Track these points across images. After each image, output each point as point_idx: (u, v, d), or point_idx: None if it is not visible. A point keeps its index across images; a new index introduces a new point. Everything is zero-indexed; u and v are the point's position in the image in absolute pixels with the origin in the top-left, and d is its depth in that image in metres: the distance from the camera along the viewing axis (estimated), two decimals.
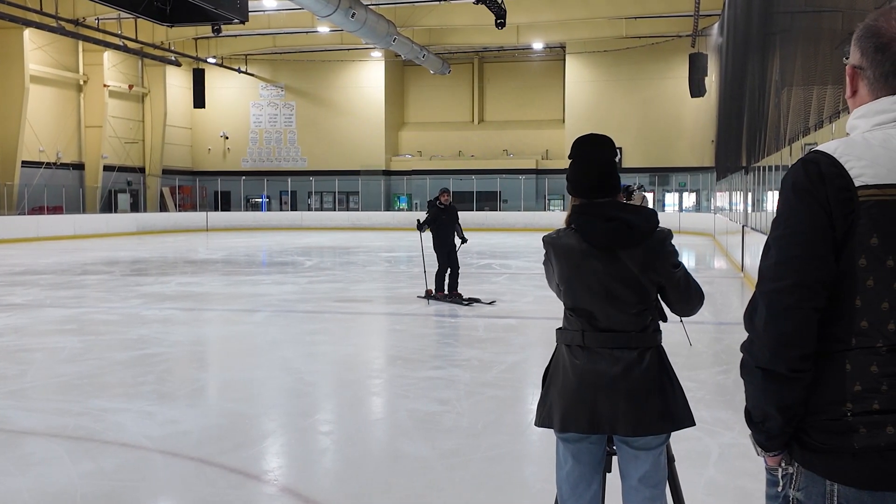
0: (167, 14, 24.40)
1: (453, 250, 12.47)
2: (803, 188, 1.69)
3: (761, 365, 1.74)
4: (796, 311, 1.69)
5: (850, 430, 1.68)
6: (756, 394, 1.78)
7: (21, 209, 33.24)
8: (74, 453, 5.17)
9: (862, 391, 1.69)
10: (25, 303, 12.77)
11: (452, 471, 4.89)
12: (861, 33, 1.78)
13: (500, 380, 7.33)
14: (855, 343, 1.69)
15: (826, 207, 1.67)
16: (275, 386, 7.38)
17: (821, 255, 1.67)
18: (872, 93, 1.77)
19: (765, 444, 1.81)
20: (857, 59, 1.79)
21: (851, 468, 1.68)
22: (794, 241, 1.69)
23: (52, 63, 35.37)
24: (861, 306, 1.68)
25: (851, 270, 1.67)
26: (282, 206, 45.06)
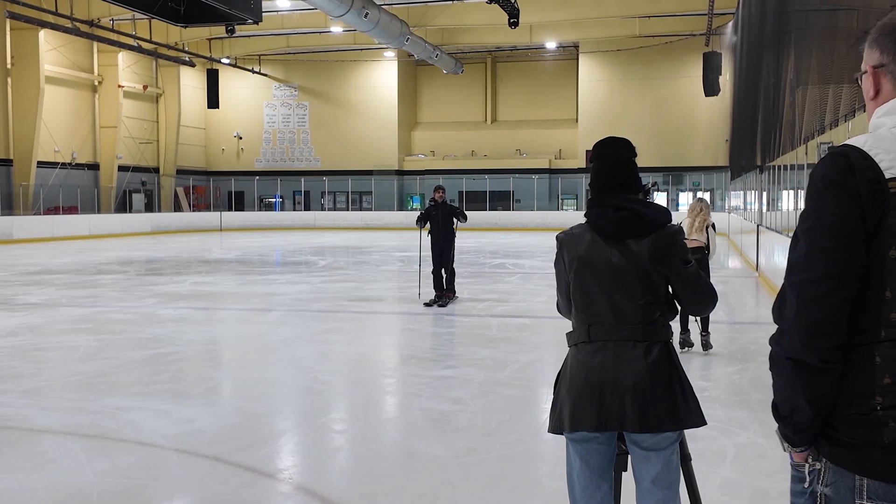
0: (181, 14, 24.52)
1: (446, 250, 12.09)
2: (833, 180, 1.70)
3: (792, 356, 1.72)
4: (827, 302, 1.68)
5: (880, 424, 1.67)
6: (785, 386, 1.76)
7: (37, 209, 33.44)
8: (90, 451, 5.19)
9: (892, 384, 1.68)
10: (41, 302, 12.85)
11: (467, 470, 4.89)
12: (879, 33, 1.80)
13: (513, 379, 7.32)
14: (885, 335, 1.69)
15: (856, 198, 1.67)
16: (289, 385, 7.39)
17: (852, 245, 1.67)
18: None
19: (792, 439, 1.79)
20: (877, 59, 1.80)
21: (881, 462, 1.67)
22: (825, 231, 1.69)
23: (67, 64, 35.58)
24: (891, 298, 1.68)
25: (881, 262, 1.68)
26: (295, 205, 45.16)
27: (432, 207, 12.24)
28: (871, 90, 1.83)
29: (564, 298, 3.00)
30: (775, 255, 13.85)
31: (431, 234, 12.17)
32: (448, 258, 12.12)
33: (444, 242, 12.10)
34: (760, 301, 13.01)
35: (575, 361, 2.86)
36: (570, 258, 2.91)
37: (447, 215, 12.10)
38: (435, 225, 12.16)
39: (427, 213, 12.19)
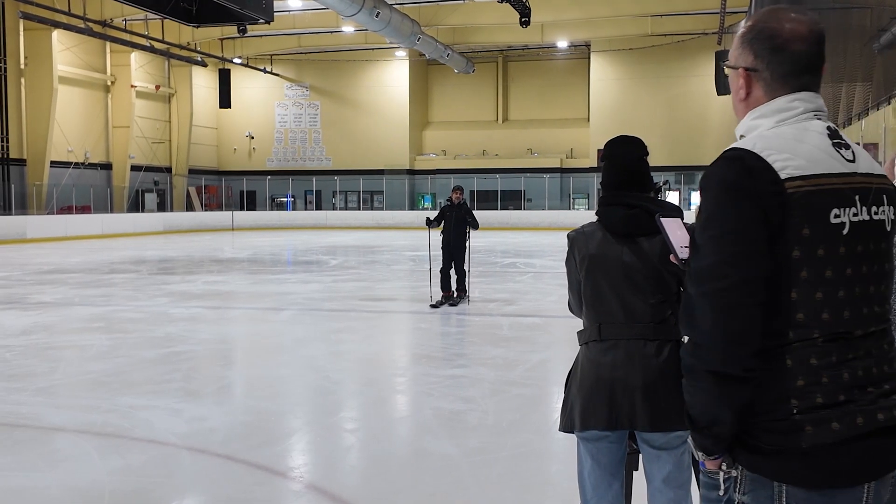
0: (193, 14, 24.62)
1: (457, 252, 11.96)
2: (732, 184, 1.67)
3: (713, 368, 1.67)
4: (744, 309, 1.65)
5: (797, 428, 1.65)
6: (705, 399, 1.70)
7: (50, 209, 33.64)
8: (103, 450, 5.22)
9: (805, 385, 1.66)
10: (54, 301, 12.92)
11: (478, 469, 4.88)
12: (753, 35, 1.78)
13: (524, 378, 7.32)
14: (793, 336, 1.67)
15: (757, 201, 1.65)
16: (300, 384, 7.41)
17: (759, 249, 1.65)
18: (769, 93, 1.78)
19: (710, 449, 1.74)
20: (750, 62, 1.78)
21: (800, 468, 1.65)
22: (732, 238, 1.66)
23: (80, 64, 35.76)
24: (797, 298, 1.67)
25: (787, 263, 1.66)
26: (307, 205, 45.27)
27: (447, 207, 12.17)
28: (742, 91, 1.82)
29: (576, 297, 2.99)
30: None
31: (444, 233, 12.06)
32: (460, 259, 12.00)
33: (455, 243, 11.99)
34: None
35: (586, 360, 2.86)
36: (582, 256, 2.91)
37: (461, 217, 12.01)
38: (448, 225, 12.07)
39: (442, 213, 12.15)
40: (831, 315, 1.67)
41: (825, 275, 1.67)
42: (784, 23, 1.76)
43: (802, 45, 1.76)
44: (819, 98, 1.80)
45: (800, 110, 1.75)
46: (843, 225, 1.68)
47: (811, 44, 1.77)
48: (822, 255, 1.66)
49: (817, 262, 1.66)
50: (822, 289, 1.66)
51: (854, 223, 1.69)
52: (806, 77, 1.77)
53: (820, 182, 1.67)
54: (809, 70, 1.78)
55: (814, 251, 1.66)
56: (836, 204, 1.68)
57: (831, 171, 1.69)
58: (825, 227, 1.66)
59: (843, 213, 1.68)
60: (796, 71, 1.76)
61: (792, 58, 1.75)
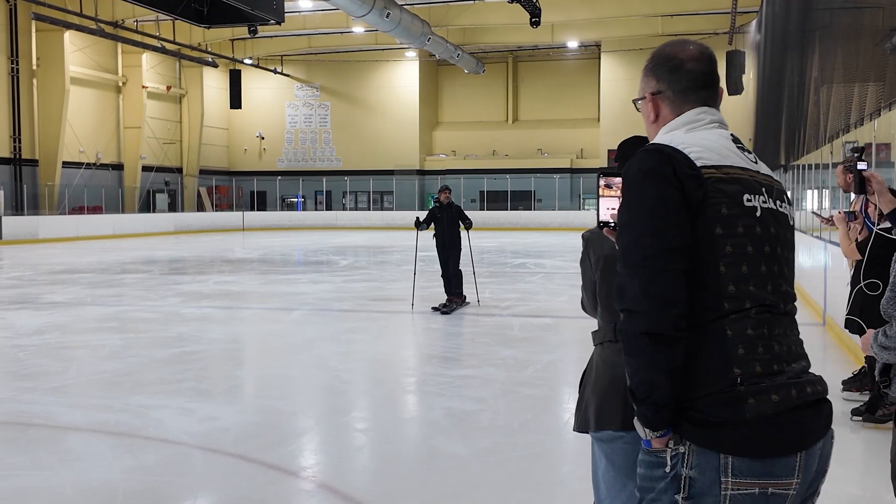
0: (204, 15, 24.67)
1: (452, 254, 11.61)
2: (651, 169, 1.85)
3: (645, 329, 1.78)
4: (668, 273, 1.79)
5: (741, 399, 1.76)
6: (643, 364, 1.80)
7: (62, 209, 33.80)
8: (115, 449, 5.25)
9: (745, 354, 1.79)
10: (67, 301, 12.98)
11: (489, 469, 4.89)
12: (652, 63, 2.06)
13: (535, 379, 7.31)
14: (728, 308, 1.81)
15: (675, 182, 1.82)
16: (311, 384, 7.43)
17: (678, 223, 1.81)
18: (675, 110, 2.02)
19: (652, 420, 1.81)
20: (654, 87, 2.05)
21: (745, 438, 1.75)
22: (652, 213, 1.82)
23: (91, 65, 35.92)
24: (725, 272, 1.81)
25: (711, 238, 1.82)
26: (317, 205, 45.34)
27: (437, 209, 11.74)
28: (652, 114, 2.07)
29: (590, 297, 2.99)
30: (799, 255, 13.75)
31: (437, 237, 11.73)
32: (455, 260, 11.64)
33: (450, 246, 11.63)
34: None
35: (600, 360, 2.85)
36: (597, 257, 2.90)
37: (453, 218, 11.62)
38: (440, 228, 11.69)
39: (431, 215, 11.73)
40: (756, 287, 1.83)
41: (747, 250, 1.83)
42: (677, 47, 2.04)
43: (696, 64, 2.01)
44: (720, 114, 2.03)
45: (707, 120, 1.98)
46: (756, 208, 1.87)
47: (704, 63, 2.02)
48: (742, 233, 1.83)
49: (738, 238, 1.83)
50: (746, 263, 1.83)
51: (764, 208, 1.88)
52: (704, 92, 2.01)
53: (731, 172, 1.87)
54: (706, 86, 2.02)
55: (734, 228, 1.83)
56: (746, 191, 1.87)
57: (739, 165, 1.91)
58: (741, 208, 1.84)
59: (754, 198, 1.88)
60: (694, 86, 2.00)
61: (688, 75, 2.00)
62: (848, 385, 6.31)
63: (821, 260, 10.36)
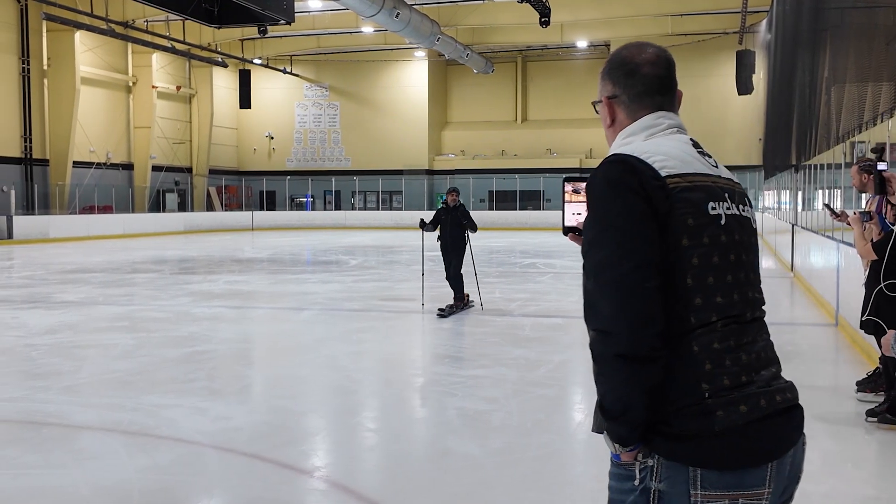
0: (214, 15, 24.71)
1: (456, 258, 11.31)
2: (617, 181, 1.80)
3: (622, 352, 1.73)
4: (644, 290, 1.74)
5: (709, 412, 1.73)
6: (617, 385, 1.76)
7: (72, 209, 33.91)
8: (130, 448, 5.26)
9: (712, 369, 1.76)
10: (78, 300, 13.02)
11: (502, 469, 4.88)
12: (609, 67, 2.03)
13: (547, 379, 7.30)
14: (695, 321, 1.77)
15: (642, 194, 1.78)
16: (322, 383, 7.43)
17: (649, 236, 1.76)
18: (631, 115, 1.99)
19: (626, 438, 1.78)
20: (610, 90, 2.02)
21: (713, 450, 1.73)
22: (623, 228, 1.77)
23: (102, 65, 36.03)
24: (693, 284, 1.78)
25: (678, 250, 1.78)
26: (326, 205, 45.39)
27: (443, 211, 11.47)
28: (608, 118, 2.03)
29: None
30: (811, 255, 13.69)
31: (441, 239, 11.45)
32: (457, 263, 11.35)
33: (453, 249, 11.35)
34: (796, 301, 12.88)
35: None
36: None
37: (457, 220, 11.32)
38: (444, 230, 11.41)
39: (437, 217, 11.49)
40: (724, 298, 1.80)
41: (713, 260, 1.80)
42: (633, 50, 2.01)
43: (652, 68, 1.97)
44: (678, 118, 2.00)
45: (665, 125, 1.95)
46: (721, 216, 1.84)
47: (660, 67, 1.98)
48: (708, 243, 1.80)
49: (704, 249, 1.79)
50: (713, 273, 1.79)
51: (728, 215, 1.85)
52: (659, 97, 1.98)
53: (694, 179, 1.84)
54: (661, 91, 1.98)
55: (700, 238, 1.79)
56: (710, 198, 1.84)
57: (702, 171, 1.87)
58: (706, 217, 1.81)
59: (718, 206, 1.85)
60: (650, 91, 1.97)
61: (644, 80, 1.97)
62: (862, 386, 6.28)
63: (833, 260, 10.31)
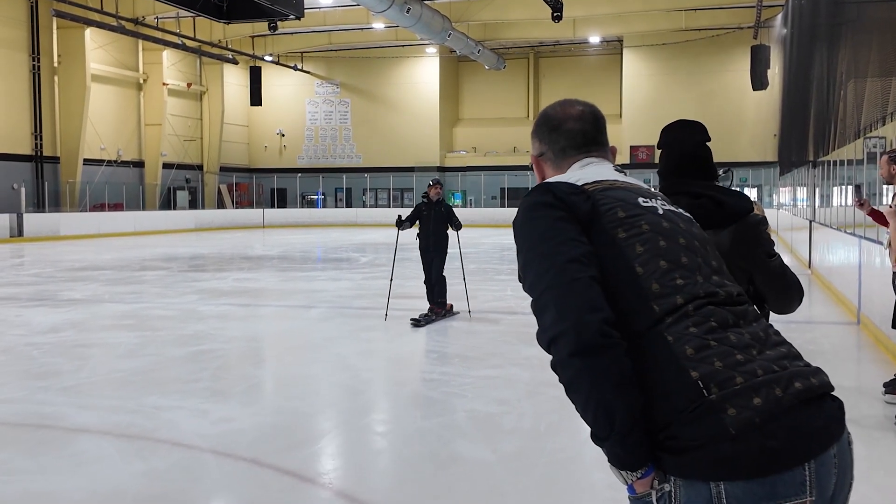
0: (224, 11, 24.56)
1: (437, 258, 10.29)
2: (536, 202, 1.77)
3: (573, 349, 1.57)
4: (576, 282, 1.63)
5: (717, 410, 1.51)
6: (586, 393, 1.57)
7: (83, 206, 33.86)
8: (126, 452, 5.06)
9: (696, 352, 1.57)
10: (84, 298, 12.86)
11: (515, 475, 4.66)
12: (536, 126, 1.99)
13: None
14: (659, 310, 1.63)
15: (559, 204, 1.73)
16: (330, 383, 7.23)
17: (572, 236, 1.69)
18: (557, 169, 1.95)
19: (625, 457, 1.56)
20: (537, 149, 1.99)
21: (733, 457, 1.49)
22: (544, 237, 1.71)
23: (112, 62, 35.96)
24: (644, 272, 1.66)
25: (616, 243, 1.69)
26: (337, 202, 45.26)
27: (423, 206, 10.28)
28: (538, 177, 2.00)
29: None
30: (829, 252, 13.41)
31: (420, 237, 10.38)
32: (439, 265, 10.30)
33: (434, 249, 10.23)
34: (815, 299, 12.60)
35: None
36: None
37: (441, 217, 10.18)
38: (425, 228, 10.28)
39: (416, 213, 10.33)
40: (685, 280, 1.67)
41: (659, 244, 1.70)
42: (558, 108, 1.98)
43: (576, 123, 1.94)
44: (609, 164, 1.94)
45: (591, 163, 1.90)
46: (656, 207, 1.77)
47: (585, 122, 1.95)
48: (649, 229, 1.71)
49: (647, 235, 1.71)
50: (663, 257, 1.69)
51: (666, 209, 1.80)
52: (584, 150, 1.93)
53: (615, 184, 1.80)
54: (587, 144, 1.93)
55: (638, 227, 1.71)
56: (640, 195, 1.79)
57: (625, 181, 1.84)
58: (639, 208, 1.75)
59: (651, 200, 1.79)
60: (574, 145, 1.93)
61: (567, 134, 1.93)
62: (890, 388, 6.02)
63: (855, 257, 10.04)
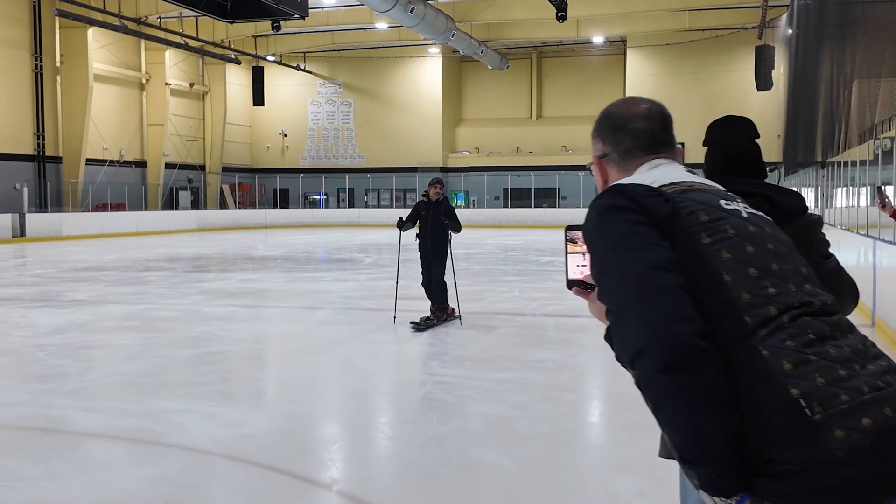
0: (228, 10, 24.45)
1: (436, 261, 9.95)
2: (610, 206, 1.63)
3: (663, 364, 1.40)
4: (663, 289, 1.48)
5: (822, 431, 1.35)
6: (677, 413, 1.40)
7: (85, 206, 33.75)
8: (136, 457, 4.94)
9: (794, 368, 1.41)
10: (88, 299, 12.75)
11: (537, 482, 4.53)
12: (598, 125, 1.87)
13: (576, 383, 6.96)
14: (751, 322, 1.47)
15: (636, 207, 1.60)
16: (339, 387, 7.10)
17: (653, 240, 1.56)
18: (622, 171, 1.81)
19: (719, 482, 1.38)
20: (599, 149, 1.86)
21: (842, 482, 1.33)
22: (624, 242, 1.56)
23: (115, 62, 35.85)
24: (732, 280, 1.52)
25: (698, 250, 1.55)
26: (339, 203, 45.15)
27: (422, 205, 9.96)
28: (600, 179, 1.87)
29: None
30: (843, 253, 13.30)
31: (420, 239, 10.06)
32: (439, 268, 9.97)
33: (433, 251, 9.91)
34: None
35: None
36: None
37: (438, 217, 9.79)
38: (424, 228, 9.94)
39: (416, 213, 10.04)
40: (776, 287, 1.52)
41: (747, 250, 1.56)
42: (622, 106, 1.85)
43: (643, 122, 1.81)
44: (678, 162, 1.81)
45: (660, 164, 1.77)
46: (739, 210, 1.64)
47: (652, 122, 1.82)
48: (735, 234, 1.58)
49: (734, 241, 1.57)
50: (753, 264, 1.55)
51: (750, 212, 1.66)
52: (653, 150, 1.80)
53: (694, 185, 1.68)
54: (654, 145, 1.80)
55: (723, 231, 1.58)
56: (719, 197, 1.66)
57: (703, 182, 1.71)
58: (722, 211, 1.61)
59: (733, 203, 1.66)
60: (641, 146, 1.80)
61: (632, 134, 1.80)
62: None
63: (869, 258, 9.92)
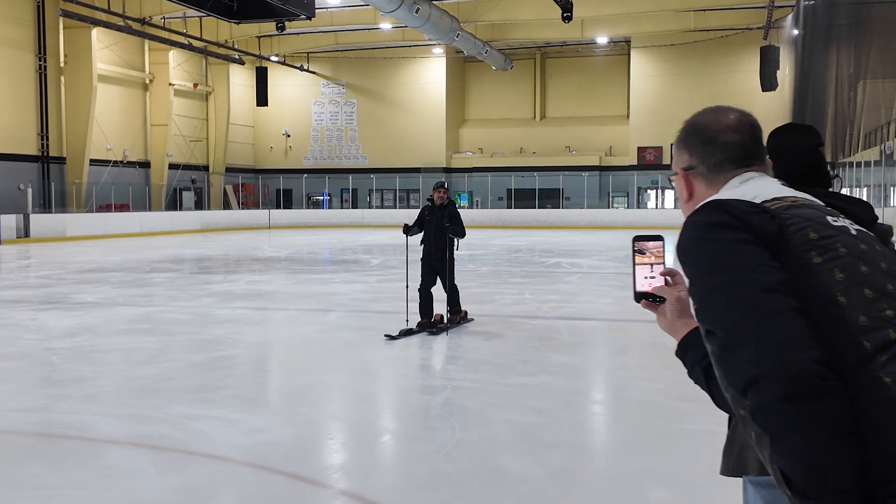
0: (234, 11, 24.37)
1: (440, 266, 9.71)
2: (710, 223, 1.53)
3: (785, 392, 1.29)
4: (780, 314, 1.38)
5: None
6: (797, 444, 1.28)
7: (89, 207, 33.68)
8: (159, 465, 4.87)
9: None
10: (97, 301, 12.68)
11: (568, 492, 4.46)
12: (684, 135, 1.79)
13: (599, 388, 6.88)
14: (870, 346, 1.36)
15: (740, 225, 1.50)
16: (358, 392, 7.03)
17: (761, 259, 1.46)
18: (710, 186, 1.74)
19: None
20: (686, 161, 1.78)
21: None
22: (730, 263, 1.46)
23: (118, 62, 35.79)
24: (847, 301, 1.41)
25: (810, 269, 1.45)
26: (343, 203, 45.07)
27: (427, 210, 9.81)
28: (685, 192, 1.80)
29: None
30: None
31: (424, 243, 9.84)
32: (444, 274, 9.79)
33: (437, 256, 9.69)
34: None
35: None
36: None
37: (442, 217, 9.56)
38: (428, 232, 9.75)
39: (421, 217, 9.89)
40: (894, 309, 1.41)
41: (861, 269, 1.46)
42: (710, 115, 1.77)
43: (734, 135, 1.73)
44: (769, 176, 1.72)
45: (753, 177, 1.69)
46: (847, 227, 1.54)
47: (743, 133, 1.74)
48: (847, 253, 1.48)
49: (846, 260, 1.46)
50: (867, 284, 1.44)
51: (856, 228, 1.56)
52: (744, 164, 1.72)
53: (798, 200, 1.58)
54: (746, 158, 1.72)
55: (835, 250, 1.48)
56: (827, 213, 1.56)
57: (806, 197, 1.62)
58: (831, 228, 1.52)
59: (839, 219, 1.56)
60: (731, 159, 1.72)
61: (723, 147, 1.73)
62: None
63: None
